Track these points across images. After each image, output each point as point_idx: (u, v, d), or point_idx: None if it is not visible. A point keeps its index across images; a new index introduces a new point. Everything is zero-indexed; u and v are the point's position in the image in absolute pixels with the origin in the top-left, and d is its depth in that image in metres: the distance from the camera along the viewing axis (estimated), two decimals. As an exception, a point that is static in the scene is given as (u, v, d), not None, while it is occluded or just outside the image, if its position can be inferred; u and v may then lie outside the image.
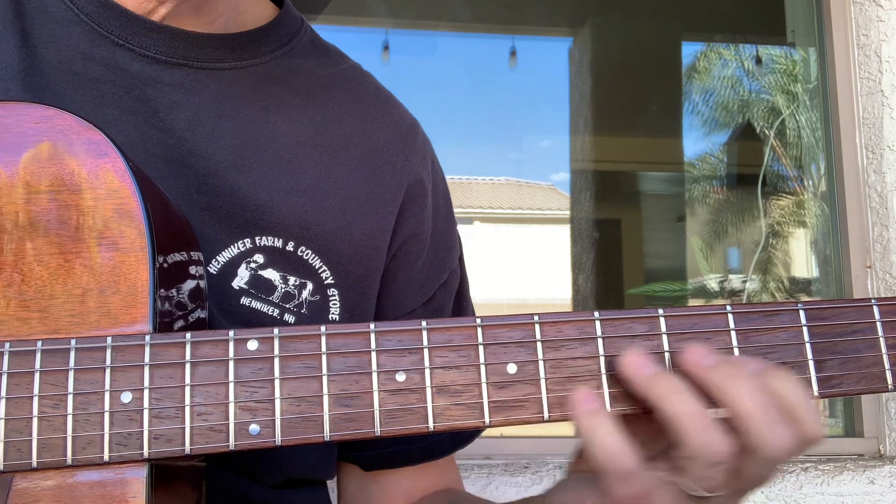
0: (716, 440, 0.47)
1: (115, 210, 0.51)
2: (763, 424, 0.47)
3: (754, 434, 0.47)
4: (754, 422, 0.47)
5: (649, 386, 0.49)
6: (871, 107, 2.05)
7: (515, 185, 5.27)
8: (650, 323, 0.52)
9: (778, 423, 0.47)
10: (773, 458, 0.48)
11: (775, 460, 0.48)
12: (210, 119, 0.69)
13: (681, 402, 0.48)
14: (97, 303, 0.50)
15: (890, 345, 0.53)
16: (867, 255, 2.03)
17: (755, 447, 0.47)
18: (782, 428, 0.47)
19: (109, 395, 0.48)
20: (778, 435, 0.47)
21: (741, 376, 0.48)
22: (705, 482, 0.48)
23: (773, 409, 0.47)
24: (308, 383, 0.49)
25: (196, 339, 0.49)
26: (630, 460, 0.47)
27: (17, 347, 0.49)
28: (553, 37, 3.99)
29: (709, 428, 0.47)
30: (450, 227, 0.83)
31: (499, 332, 0.51)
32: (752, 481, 0.49)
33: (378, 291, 0.76)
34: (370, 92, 0.81)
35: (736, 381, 0.48)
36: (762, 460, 0.48)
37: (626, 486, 0.48)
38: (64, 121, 0.51)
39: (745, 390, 0.47)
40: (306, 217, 0.70)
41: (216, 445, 0.48)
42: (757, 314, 0.53)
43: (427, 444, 0.78)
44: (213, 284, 0.66)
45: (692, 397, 0.48)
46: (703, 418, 0.47)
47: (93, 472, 0.48)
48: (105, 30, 0.68)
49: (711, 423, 0.47)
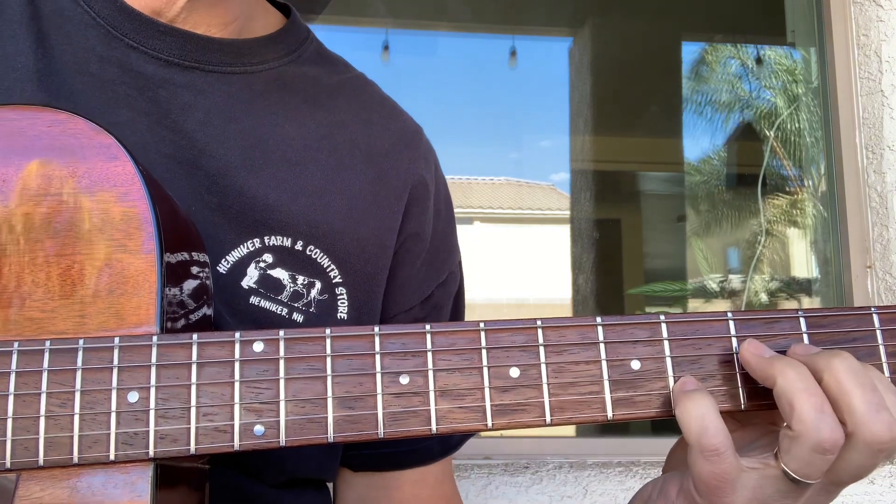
0: (826, 421, 0.48)
1: (125, 213, 0.51)
2: (867, 405, 0.48)
3: (858, 415, 0.48)
4: (858, 402, 0.48)
5: (768, 365, 0.51)
6: (871, 107, 2.06)
7: (515, 185, 5.27)
8: (652, 329, 0.53)
9: (882, 408, 0.48)
10: (874, 445, 0.48)
11: (876, 449, 0.48)
12: (220, 121, 0.70)
13: (798, 380, 0.49)
14: (105, 304, 0.51)
15: (889, 353, 0.54)
16: (867, 255, 2.04)
17: (858, 432, 0.48)
18: (886, 414, 0.48)
19: (116, 395, 0.49)
20: (881, 420, 0.48)
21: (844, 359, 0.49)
22: (808, 468, 0.49)
23: (876, 394, 0.48)
24: (312, 385, 0.50)
25: (202, 340, 0.50)
26: (722, 436, 0.49)
27: (25, 347, 0.49)
28: (553, 37, 3.99)
29: (822, 408, 0.48)
30: (450, 231, 0.84)
31: (502, 336, 0.52)
32: (851, 472, 0.50)
33: None
34: (375, 100, 0.82)
35: (841, 364, 0.49)
36: (863, 448, 0.48)
37: (713, 463, 0.49)
38: (76, 125, 0.52)
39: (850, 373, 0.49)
40: (314, 216, 0.71)
41: (221, 445, 0.49)
42: (758, 321, 0.54)
43: (416, 448, 0.79)
44: (222, 284, 0.66)
45: (809, 377, 0.49)
46: (818, 397, 0.49)
47: (98, 471, 0.49)
48: (120, 32, 0.69)
49: (825, 404, 0.48)
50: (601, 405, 0.52)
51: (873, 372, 0.51)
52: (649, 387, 0.52)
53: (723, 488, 0.49)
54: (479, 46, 3.92)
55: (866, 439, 0.48)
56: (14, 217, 0.52)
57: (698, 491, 0.50)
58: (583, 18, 3.78)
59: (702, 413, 0.49)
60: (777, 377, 0.50)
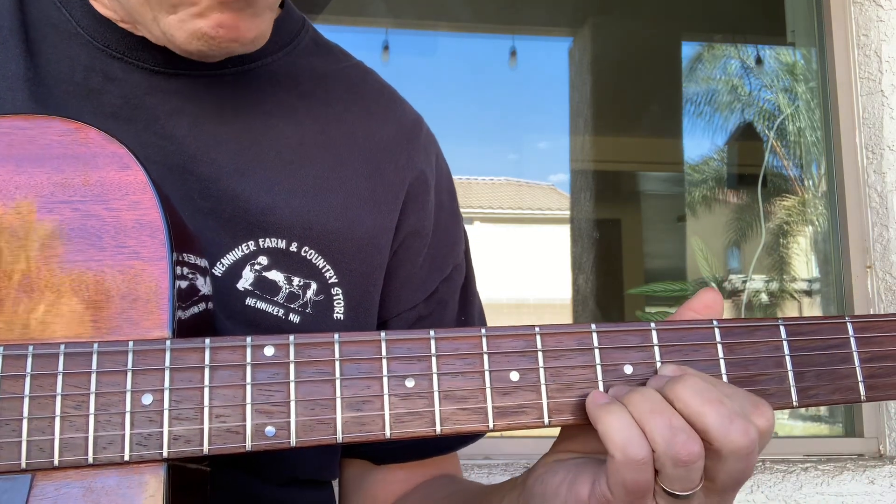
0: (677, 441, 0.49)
1: (137, 221, 0.53)
2: (720, 420, 0.49)
3: (714, 432, 0.49)
4: (710, 420, 0.49)
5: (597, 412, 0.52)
6: (871, 107, 2.06)
7: (515, 185, 5.28)
8: (643, 335, 0.55)
9: (734, 417, 0.49)
10: (739, 453, 0.49)
11: (744, 454, 0.49)
12: (211, 125, 0.70)
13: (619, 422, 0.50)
14: (118, 308, 0.52)
15: (863, 359, 0.57)
16: (867, 255, 2.04)
17: (720, 446, 0.49)
18: (740, 422, 0.49)
19: (130, 397, 0.50)
20: (735, 429, 0.49)
21: (687, 383, 0.51)
22: (676, 483, 0.50)
23: (724, 406, 0.49)
24: (322, 387, 0.51)
25: (215, 344, 0.51)
26: (647, 446, 0.49)
27: (41, 350, 0.51)
28: (553, 37, 3.99)
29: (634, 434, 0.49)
30: (454, 222, 0.83)
31: (502, 341, 0.54)
32: (732, 479, 0.51)
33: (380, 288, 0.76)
34: (374, 89, 0.81)
35: (685, 388, 0.50)
36: (732, 458, 0.49)
37: (638, 473, 0.49)
38: (87, 134, 0.53)
39: (695, 394, 0.50)
40: (308, 217, 0.70)
41: (233, 446, 0.50)
42: (741, 329, 0.57)
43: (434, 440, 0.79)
44: (217, 286, 0.66)
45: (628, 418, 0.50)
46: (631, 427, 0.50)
47: (112, 472, 0.50)
48: (101, 43, 0.69)
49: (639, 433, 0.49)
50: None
51: (720, 384, 0.52)
52: (641, 390, 0.54)
53: (644, 497, 0.50)
54: (479, 46, 3.93)
55: (730, 450, 0.49)
56: (27, 224, 0.53)
57: (614, 495, 0.51)
58: (583, 18, 3.78)
59: (624, 425, 0.50)
60: (631, 406, 0.51)
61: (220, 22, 0.62)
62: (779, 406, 0.55)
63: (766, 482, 1.82)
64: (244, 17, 0.63)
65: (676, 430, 0.49)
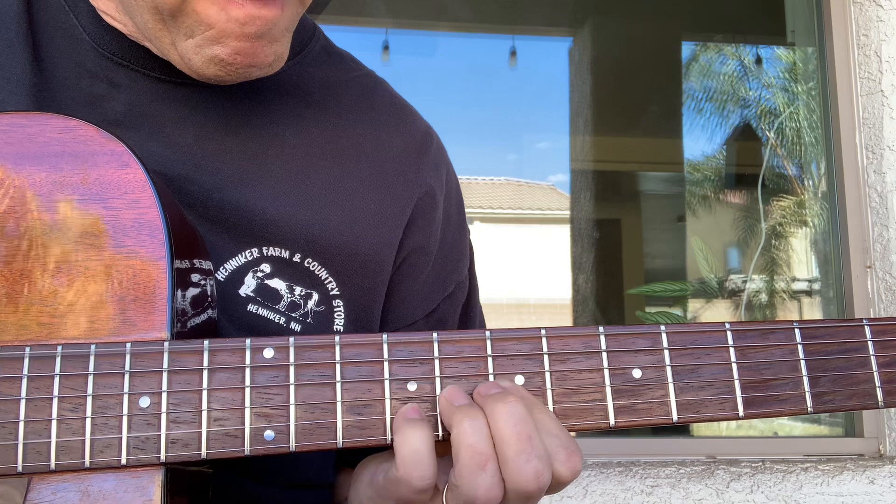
0: (485, 479, 0.49)
1: (136, 220, 0.52)
2: (518, 455, 0.49)
3: (509, 465, 0.49)
4: (511, 451, 0.49)
5: (453, 413, 0.52)
6: (871, 107, 2.06)
7: (515, 186, 5.28)
8: (653, 338, 0.54)
9: (532, 457, 0.49)
10: (521, 493, 0.49)
11: (524, 496, 0.50)
12: (217, 134, 0.69)
13: (470, 433, 0.50)
14: (116, 309, 0.51)
15: (881, 363, 0.55)
16: (867, 255, 2.04)
17: (507, 479, 0.49)
18: (535, 463, 0.49)
19: (128, 400, 0.49)
20: (528, 469, 0.49)
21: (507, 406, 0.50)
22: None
23: (529, 443, 0.50)
24: (322, 391, 0.50)
25: (214, 346, 0.50)
26: (431, 474, 0.50)
27: (37, 352, 0.50)
28: (553, 37, 3.99)
29: (484, 467, 0.50)
30: (460, 237, 0.82)
31: (507, 344, 0.53)
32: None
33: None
34: (384, 100, 0.80)
35: (503, 411, 0.50)
36: (513, 495, 0.50)
37: (416, 494, 0.50)
38: (86, 132, 0.53)
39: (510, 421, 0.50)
40: (313, 231, 0.70)
41: (232, 450, 0.49)
42: (754, 332, 0.55)
43: None
44: (219, 291, 0.66)
45: (483, 431, 0.50)
46: (482, 456, 0.50)
47: (109, 476, 0.49)
48: (107, 52, 0.68)
49: (488, 463, 0.50)
50: (604, 412, 0.53)
51: (542, 415, 0.52)
52: (650, 395, 0.53)
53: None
54: (479, 46, 3.93)
55: (514, 487, 0.49)
56: (25, 222, 0.52)
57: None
58: (583, 18, 3.78)
59: (417, 448, 0.50)
60: (453, 427, 0.51)
61: (237, 49, 0.61)
62: (793, 412, 0.54)
63: (766, 482, 1.81)
64: (262, 43, 0.62)
65: (484, 474, 0.49)
